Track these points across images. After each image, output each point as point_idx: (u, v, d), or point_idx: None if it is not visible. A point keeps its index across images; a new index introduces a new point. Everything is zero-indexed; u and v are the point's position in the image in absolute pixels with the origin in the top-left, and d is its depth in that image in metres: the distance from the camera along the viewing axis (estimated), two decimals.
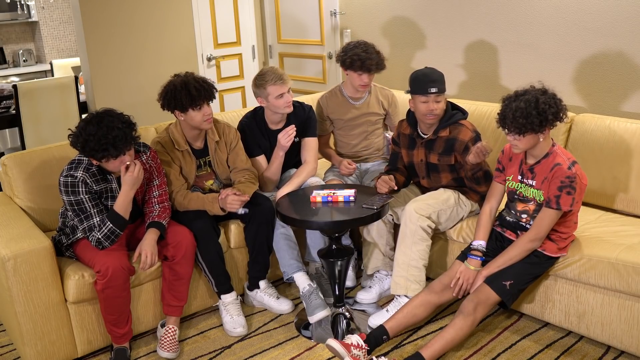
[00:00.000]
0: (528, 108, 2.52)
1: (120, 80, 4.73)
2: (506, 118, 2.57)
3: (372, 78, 3.48)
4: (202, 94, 3.00)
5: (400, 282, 2.99)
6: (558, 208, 2.60)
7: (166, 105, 3.05)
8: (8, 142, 6.01)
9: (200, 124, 3.06)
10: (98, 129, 2.60)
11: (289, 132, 3.26)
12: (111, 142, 2.60)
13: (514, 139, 2.61)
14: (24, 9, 7.33)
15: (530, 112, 2.51)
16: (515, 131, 2.56)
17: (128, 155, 2.70)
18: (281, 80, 3.23)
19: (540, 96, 2.55)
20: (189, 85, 2.99)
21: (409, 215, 2.99)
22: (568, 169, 2.59)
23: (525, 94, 2.59)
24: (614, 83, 3.43)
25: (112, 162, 2.68)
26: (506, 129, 2.61)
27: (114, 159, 2.66)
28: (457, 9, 4.08)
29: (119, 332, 2.83)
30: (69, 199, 2.71)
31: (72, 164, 2.74)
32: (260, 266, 3.24)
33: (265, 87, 3.23)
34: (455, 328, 2.64)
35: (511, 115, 2.55)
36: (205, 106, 3.04)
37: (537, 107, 2.52)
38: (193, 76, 3.06)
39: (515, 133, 2.57)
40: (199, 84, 3.02)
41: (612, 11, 3.35)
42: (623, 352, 2.73)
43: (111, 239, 2.73)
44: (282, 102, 3.26)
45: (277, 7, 5.49)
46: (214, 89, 3.10)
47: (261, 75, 3.28)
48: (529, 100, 2.54)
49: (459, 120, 3.04)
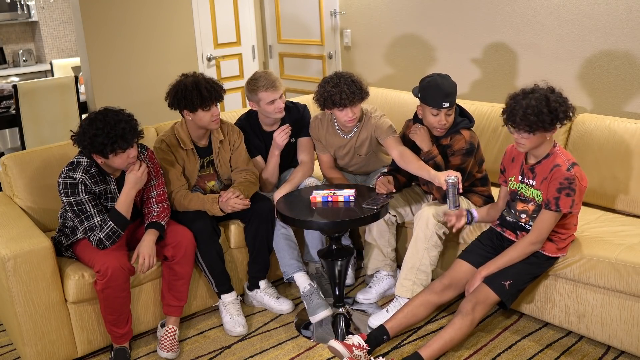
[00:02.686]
0: (539, 106, 2.48)
1: (121, 80, 4.74)
2: (516, 115, 2.52)
3: (358, 110, 3.17)
4: (213, 94, 3.02)
5: (406, 285, 2.99)
6: (557, 210, 2.59)
7: (175, 104, 3.06)
8: (8, 142, 6.01)
9: (209, 124, 3.07)
10: (105, 124, 2.62)
11: (284, 131, 3.26)
12: (120, 134, 2.62)
13: (522, 137, 2.57)
14: (24, 9, 7.33)
15: (541, 109, 2.48)
16: (526, 129, 2.52)
17: (134, 149, 2.72)
18: (273, 86, 3.21)
19: (549, 94, 2.53)
20: (200, 85, 3.01)
21: (426, 221, 2.95)
22: (567, 170, 2.57)
23: (533, 91, 2.55)
24: (614, 83, 3.43)
25: (119, 157, 2.69)
26: (514, 127, 2.56)
27: (123, 152, 2.67)
28: (458, 9, 4.08)
29: (119, 332, 2.83)
30: (69, 200, 2.71)
31: (70, 165, 2.74)
32: (260, 266, 3.24)
33: (257, 92, 3.22)
34: (454, 328, 2.63)
35: (522, 113, 2.50)
36: (214, 107, 3.06)
37: (548, 104, 2.49)
38: (203, 77, 3.08)
39: (524, 131, 2.53)
40: (209, 84, 3.03)
41: (612, 11, 3.35)
42: (623, 352, 2.73)
43: (113, 239, 2.74)
44: (273, 107, 3.25)
45: (277, 7, 5.49)
46: (223, 90, 3.12)
47: (254, 79, 3.26)
48: (539, 98, 2.51)
49: (461, 129, 3.01)
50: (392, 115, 3.77)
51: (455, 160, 2.97)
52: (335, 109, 3.14)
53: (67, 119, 5.10)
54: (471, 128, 3.05)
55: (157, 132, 3.53)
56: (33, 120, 4.94)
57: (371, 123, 3.29)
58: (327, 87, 3.12)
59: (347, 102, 3.08)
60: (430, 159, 2.98)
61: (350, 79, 3.11)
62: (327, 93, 3.10)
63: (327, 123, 3.38)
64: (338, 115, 3.17)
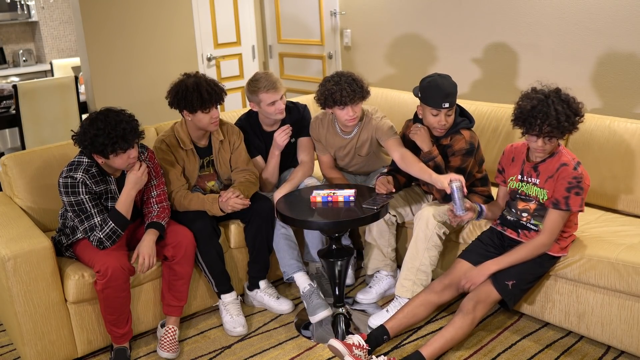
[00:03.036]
0: (567, 111, 2.48)
1: (121, 80, 4.74)
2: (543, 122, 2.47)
3: (359, 109, 3.17)
4: (213, 97, 3.01)
5: (406, 285, 2.99)
6: (568, 209, 2.59)
7: (175, 104, 3.06)
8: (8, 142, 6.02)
9: (207, 126, 3.07)
10: (106, 124, 2.62)
11: (285, 131, 3.25)
12: (121, 134, 2.62)
13: (544, 144, 2.56)
14: (24, 9, 7.33)
15: (569, 114, 2.50)
16: (558, 135, 2.51)
17: (135, 150, 2.72)
18: (274, 88, 3.20)
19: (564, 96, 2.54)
20: (201, 87, 2.99)
21: (427, 221, 2.95)
22: (574, 169, 2.58)
23: (551, 96, 2.53)
24: (614, 83, 3.43)
25: (120, 157, 2.69)
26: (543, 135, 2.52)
27: (123, 153, 2.67)
28: (457, 9, 4.08)
29: (119, 332, 2.83)
30: (69, 199, 2.71)
31: (71, 165, 2.74)
32: (260, 266, 3.24)
33: (257, 93, 3.22)
34: (455, 327, 2.64)
35: (555, 120, 2.46)
36: (214, 109, 3.05)
37: (569, 107, 2.50)
38: (205, 78, 3.06)
39: (554, 137, 2.52)
40: (210, 87, 3.02)
41: (612, 11, 3.35)
42: (623, 352, 2.73)
43: (113, 239, 2.74)
44: (273, 109, 3.25)
45: (277, 7, 5.49)
46: (224, 92, 3.11)
47: (255, 80, 3.25)
48: (562, 102, 2.50)
49: (461, 129, 3.01)
50: (392, 115, 3.77)
51: (456, 161, 2.97)
52: (336, 108, 3.13)
53: (67, 119, 5.10)
54: (471, 128, 3.05)
55: (157, 132, 3.53)
56: (33, 120, 4.94)
57: (372, 124, 3.27)
58: (328, 86, 3.11)
59: (348, 100, 3.06)
60: (430, 159, 2.98)
61: (351, 77, 3.10)
62: (328, 91, 3.09)
63: (327, 123, 3.37)
64: (339, 114, 3.15)
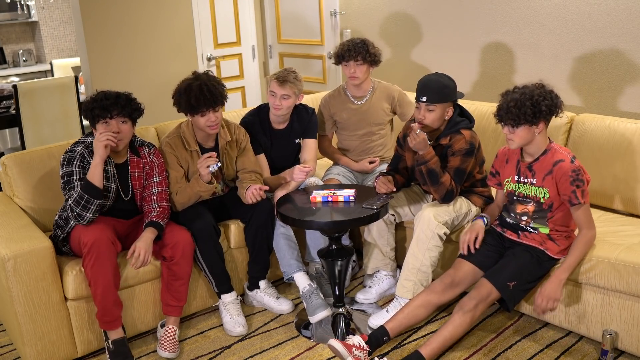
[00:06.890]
0: (522, 99, 2.56)
1: (121, 80, 4.73)
2: (501, 109, 2.62)
3: (363, 70, 3.42)
4: (201, 103, 2.95)
5: (407, 285, 2.98)
6: (584, 201, 2.60)
7: (175, 104, 3.07)
8: (8, 142, 6.02)
9: (204, 128, 3.05)
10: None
11: (304, 171, 3.19)
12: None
13: (509, 133, 2.63)
14: (24, 9, 7.33)
15: (524, 102, 2.55)
16: (510, 122, 2.59)
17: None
18: (282, 81, 3.23)
19: (536, 90, 2.60)
20: (190, 93, 2.96)
21: (427, 221, 2.94)
22: (571, 162, 2.60)
23: (523, 88, 2.64)
24: (614, 83, 3.43)
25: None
26: (502, 122, 2.64)
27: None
28: (457, 9, 4.08)
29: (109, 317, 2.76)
30: (62, 172, 2.79)
31: (76, 142, 2.88)
32: (260, 266, 3.24)
33: (270, 80, 3.30)
34: (455, 325, 2.64)
35: (505, 106, 2.59)
36: (210, 113, 3.00)
37: (531, 98, 2.56)
38: (199, 83, 2.97)
39: (509, 125, 2.60)
40: (201, 92, 2.94)
41: (611, 11, 3.35)
42: (623, 352, 2.73)
43: (81, 205, 2.70)
44: (272, 100, 3.30)
45: (277, 7, 5.49)
46: (223, 96, 3.04)
47: (279, 70, 3.36)
48: (524, 92, 2.59)
49: (461, 129, 3.00)
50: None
51: (455, 161, 2.97)
52: (342, 63, 3.43)
53: (67, 119, 5.10)
54: (471, 128, 3.05)
55: (157, 132, 3.53)
56: (33, 120, 4.94)
57: (388, 92, 3.57)
58: (343, 43, 3.45)
59: (352, 55, 3.35)
60: (422, 163, 2.93)
61: (361, 39, 3.41)
62: (339, 47, 3.43)
63: (341, 92, 3.63)
64: (344, 71, 3.45)
